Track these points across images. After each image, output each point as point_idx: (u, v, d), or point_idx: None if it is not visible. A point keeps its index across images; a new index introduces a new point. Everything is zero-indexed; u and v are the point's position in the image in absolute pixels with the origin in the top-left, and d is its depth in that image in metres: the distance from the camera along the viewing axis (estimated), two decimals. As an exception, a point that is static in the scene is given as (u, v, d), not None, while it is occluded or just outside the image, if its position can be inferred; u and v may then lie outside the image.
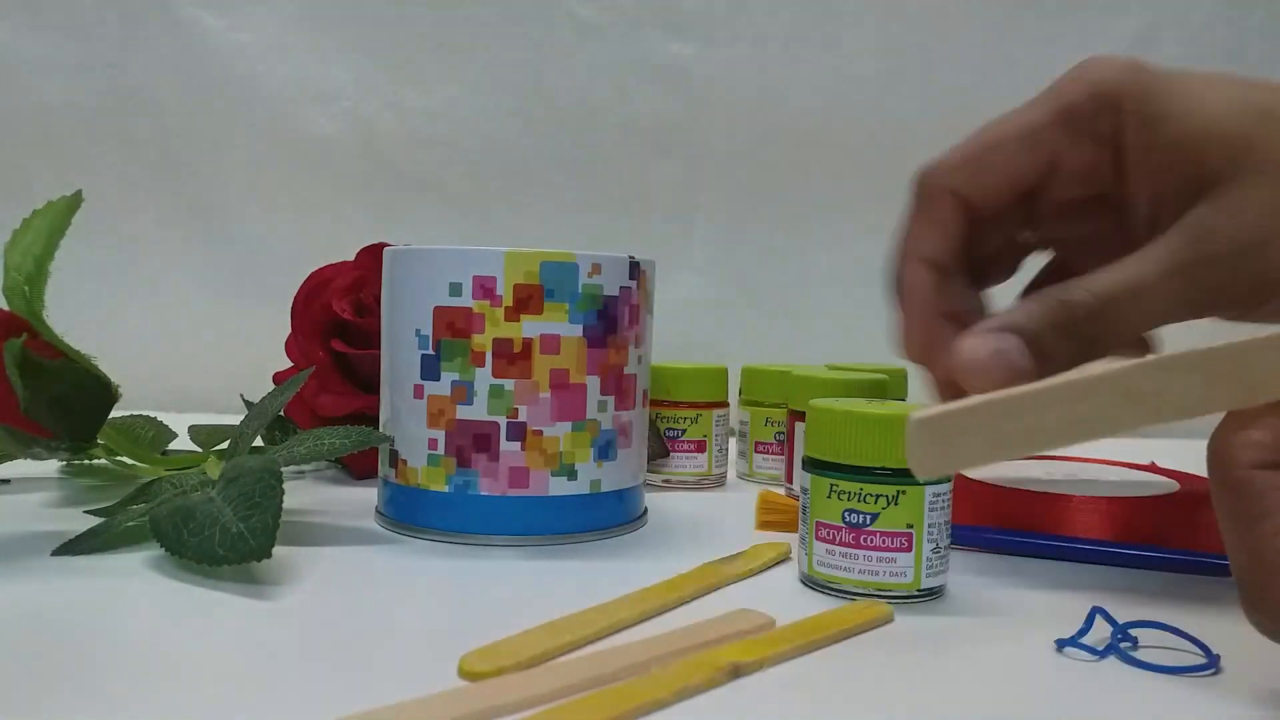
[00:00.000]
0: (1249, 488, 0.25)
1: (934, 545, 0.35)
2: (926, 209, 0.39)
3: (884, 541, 0.35)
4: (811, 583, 0.37)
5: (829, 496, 0.35)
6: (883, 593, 0.35)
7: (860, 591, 0.35)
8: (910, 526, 0.35)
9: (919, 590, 0.35)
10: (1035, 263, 0.43)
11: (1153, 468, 0.52)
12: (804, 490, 0.37)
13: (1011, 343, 0.32)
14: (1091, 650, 0.31)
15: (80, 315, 0.48)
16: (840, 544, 0.35)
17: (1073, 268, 0.38)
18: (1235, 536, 0.25)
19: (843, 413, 0.36)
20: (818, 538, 0.36)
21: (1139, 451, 0.55)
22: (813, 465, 0.36)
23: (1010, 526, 0.43)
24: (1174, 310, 0.34)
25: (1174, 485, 0.47)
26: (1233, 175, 0.33)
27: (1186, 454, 0.42)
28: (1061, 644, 0.31)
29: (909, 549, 0.35)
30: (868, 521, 0.35)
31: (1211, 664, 0.30)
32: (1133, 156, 0.36)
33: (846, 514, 0.35)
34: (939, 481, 0.35)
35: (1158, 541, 0.41)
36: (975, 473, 0.48)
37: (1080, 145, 0.36)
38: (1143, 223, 0.36)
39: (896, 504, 0.35)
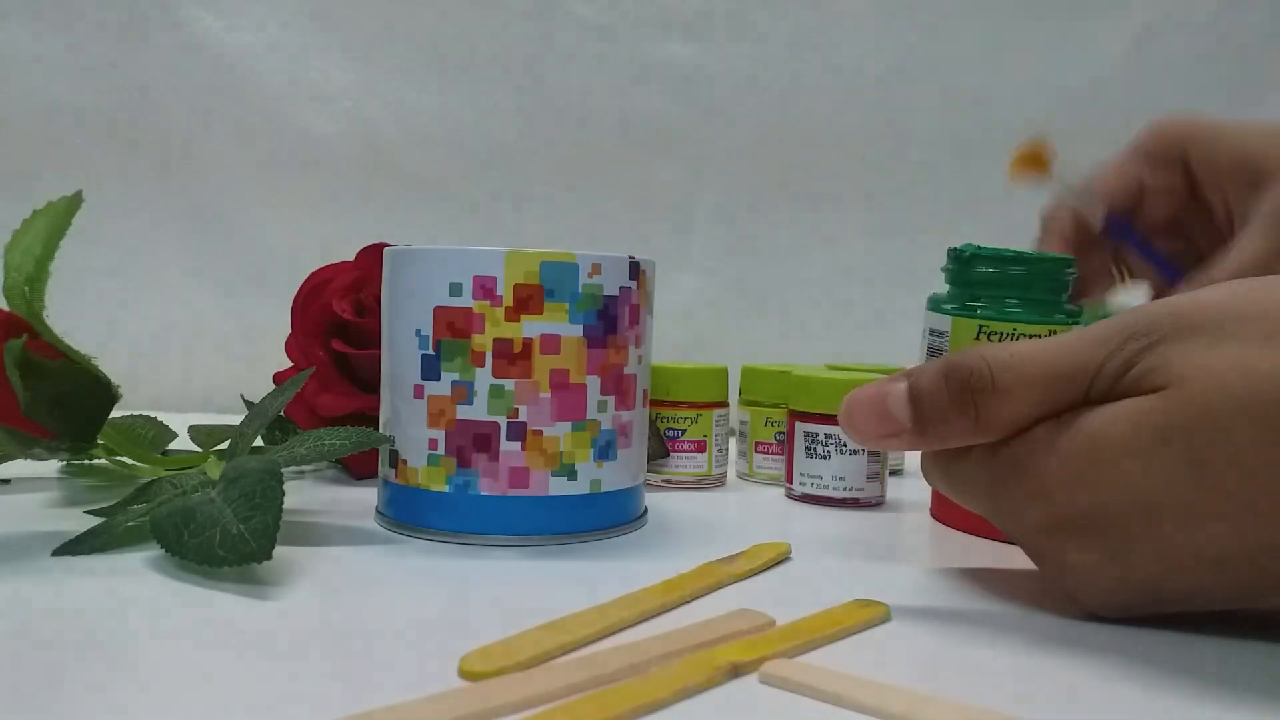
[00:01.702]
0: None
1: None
2: (1052, 227, 0.55)
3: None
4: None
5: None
6: None
7: None
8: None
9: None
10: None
11: None
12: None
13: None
14: None
15: (80, 315, 0.48)
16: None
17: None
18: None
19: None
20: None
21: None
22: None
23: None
24: None
25: None
26: None
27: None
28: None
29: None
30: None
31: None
32: (1200, 172, 0.51)
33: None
34: None
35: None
36: None
37: (1157, 171, 0.52)
38: (1223, 223, 0.50)
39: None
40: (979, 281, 0.42)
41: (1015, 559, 0.43)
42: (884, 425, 0.32)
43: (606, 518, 0.44)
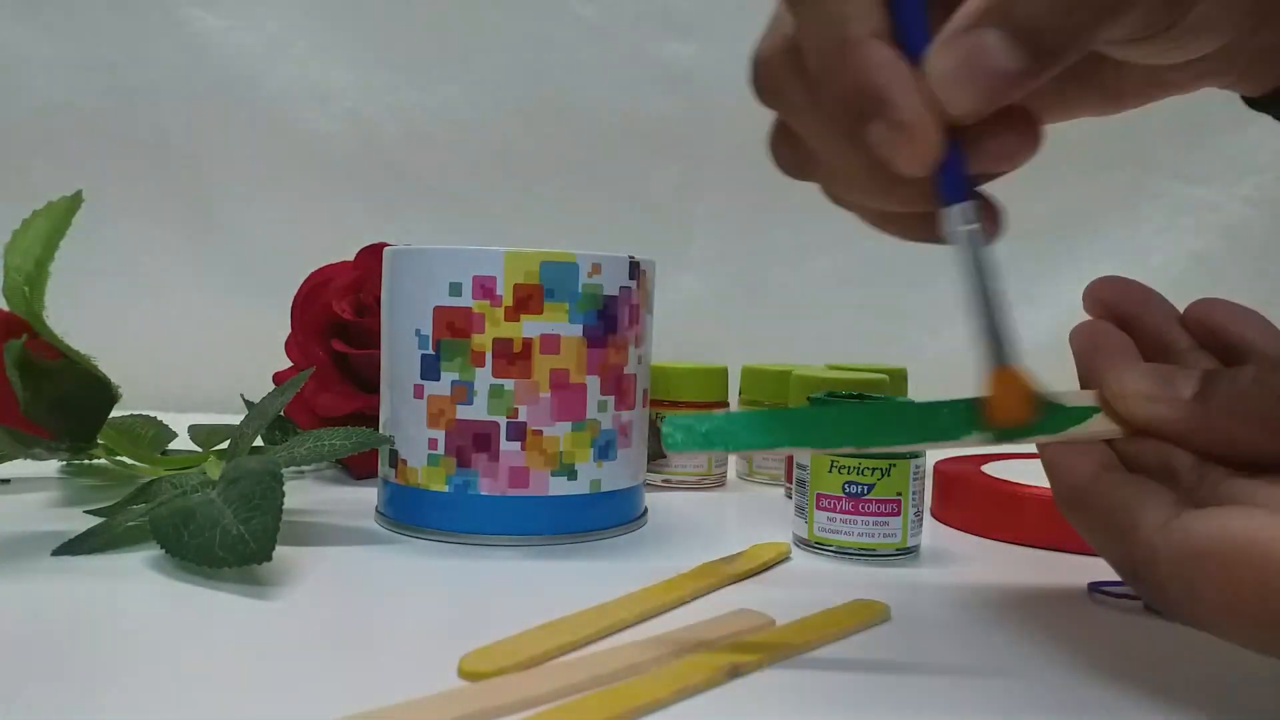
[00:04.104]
0: (1094, 496, 0.28)
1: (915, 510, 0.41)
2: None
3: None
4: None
5: (830, 471, 0.41)
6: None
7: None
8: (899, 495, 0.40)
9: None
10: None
11: None
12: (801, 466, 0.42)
13: (990, 39, 0.25)
14: (1123, 593, 0.34)
15: (80, 315, 0.48)
16: (840, 511, 0.41)
17: None
18: (1103, 537, 0.28)
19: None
20: (819, 507, 0.41)
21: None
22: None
23: (1033, 530, 0.45)
24: None
25: None
26: None
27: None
28: (1094, 587, 0.36)
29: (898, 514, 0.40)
30: (864, 491, 0.40)
31: None
32: None
33: (846, 485, 0.41)
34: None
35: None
36: (994, 472, 0.49)
37: None
38: None
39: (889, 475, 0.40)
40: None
41: (1015, 559, 0.43)
42: (1159, 388, 0.28)
43: (606, 518, 0.44)
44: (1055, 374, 0.30)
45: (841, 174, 0.31)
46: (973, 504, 0.47)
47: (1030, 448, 0.31)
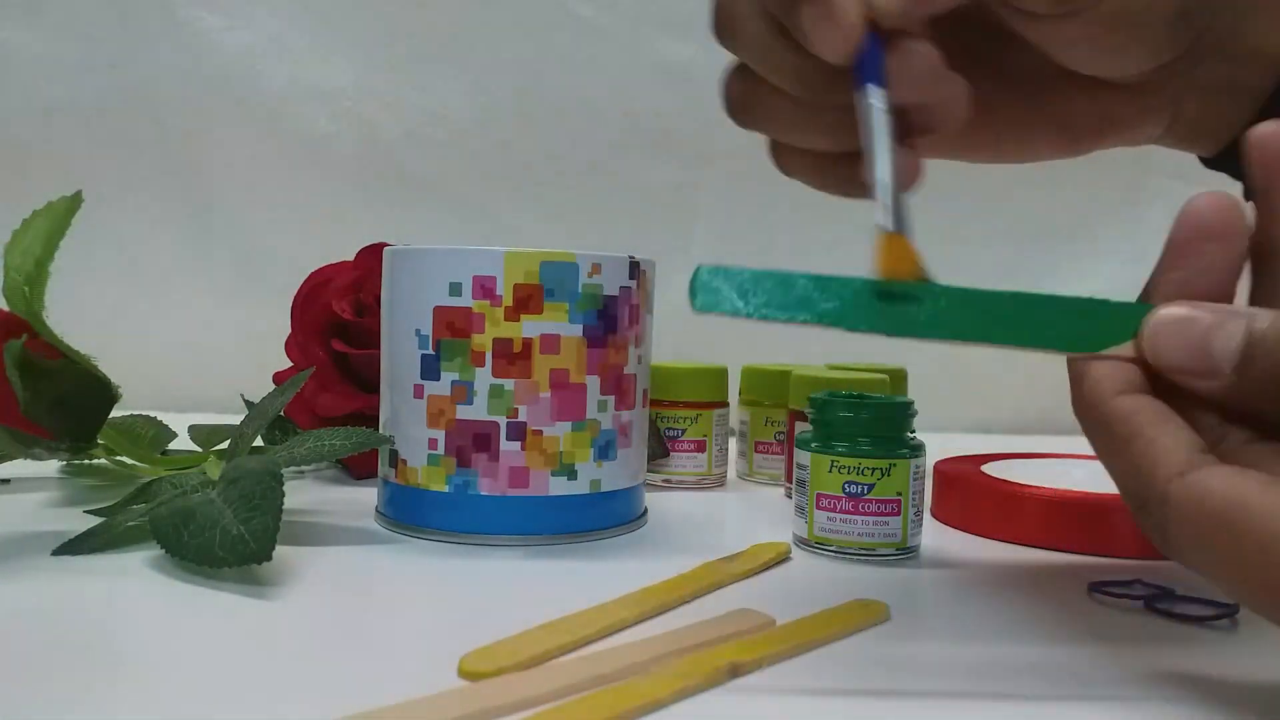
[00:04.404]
0: (1116, 415, 0.27)
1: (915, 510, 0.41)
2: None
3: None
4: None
5: (830, 471, 0.41)
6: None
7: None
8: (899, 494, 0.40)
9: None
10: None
11: None
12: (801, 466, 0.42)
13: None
14: (1123, 593, 0.34)
15: (80, 315, 0.48)
16: (840, 511, 0.41)
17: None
18: (1115, 459, 0.27)
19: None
20: (818, 507, 0.41)
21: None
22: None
23: (1033, 530, 0.45)
24: None
25: None
26: None
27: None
28: (1094, 587, 0.36)
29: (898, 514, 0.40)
30: (865, 491, 0.40)
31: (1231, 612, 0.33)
32: None
33: (847, 485, 0.41)
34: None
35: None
36: (994, 472, 0.49)
37: None
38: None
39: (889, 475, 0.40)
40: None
41: (1015, 559, 0.43)
42: (1197, 362, 0.26)
43: (606, 518, 0.44)
44: (1057, 374, 0.29)
45: (781, 110, 0.33)
46: (973, 504, 0.47)
47: (1029, 448, 0.31)
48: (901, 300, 0.28)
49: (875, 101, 0.29)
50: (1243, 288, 0.29)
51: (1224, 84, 0.35)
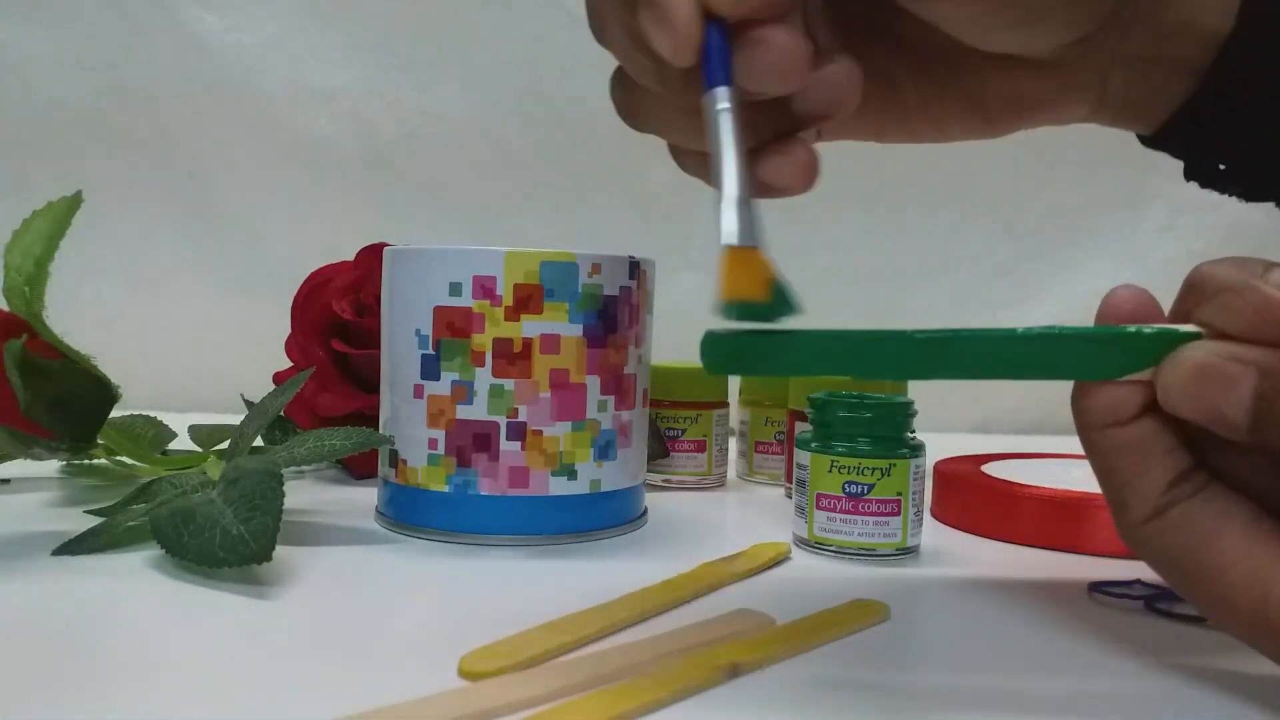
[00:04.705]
0: (1097, 449, 0.27)
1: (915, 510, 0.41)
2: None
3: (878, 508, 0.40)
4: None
5: (830, 471, 0.40)
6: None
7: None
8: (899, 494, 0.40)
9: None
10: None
11: None
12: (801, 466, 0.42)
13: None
14: (1123, 593, 0.34)
15: (80, 315, 0.48)
16: (840, 511, 0.41)
17: None
18: (1100, 486, 0.28)
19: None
20: (819, 507, 0.41)
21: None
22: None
23: (1033, 530, 0.45)
24: None
25: None
26: None
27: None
28: (1094, 587, 0.36)
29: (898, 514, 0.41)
30: (865, 491, 0.40)
31: None
32: None
33: (846, 485, 0.41)
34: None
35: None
36: (994, 472, 0.49)
37: None
38: None
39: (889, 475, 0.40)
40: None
41: (1015, 559, 0.43)
42: (1213, 421, 0.25)
43: (606, 518, 0.44)
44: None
45: (662, 112, 0.32)
46: (973, 504, 0.47)
47: (1029, 448, 0.31)
48: (925, 344, 0.27)
49: (717, 104, 0.27)
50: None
51: (1154, 58, 0.32)
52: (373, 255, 0.57)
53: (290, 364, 0.58)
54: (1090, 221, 0.92)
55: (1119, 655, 0.31)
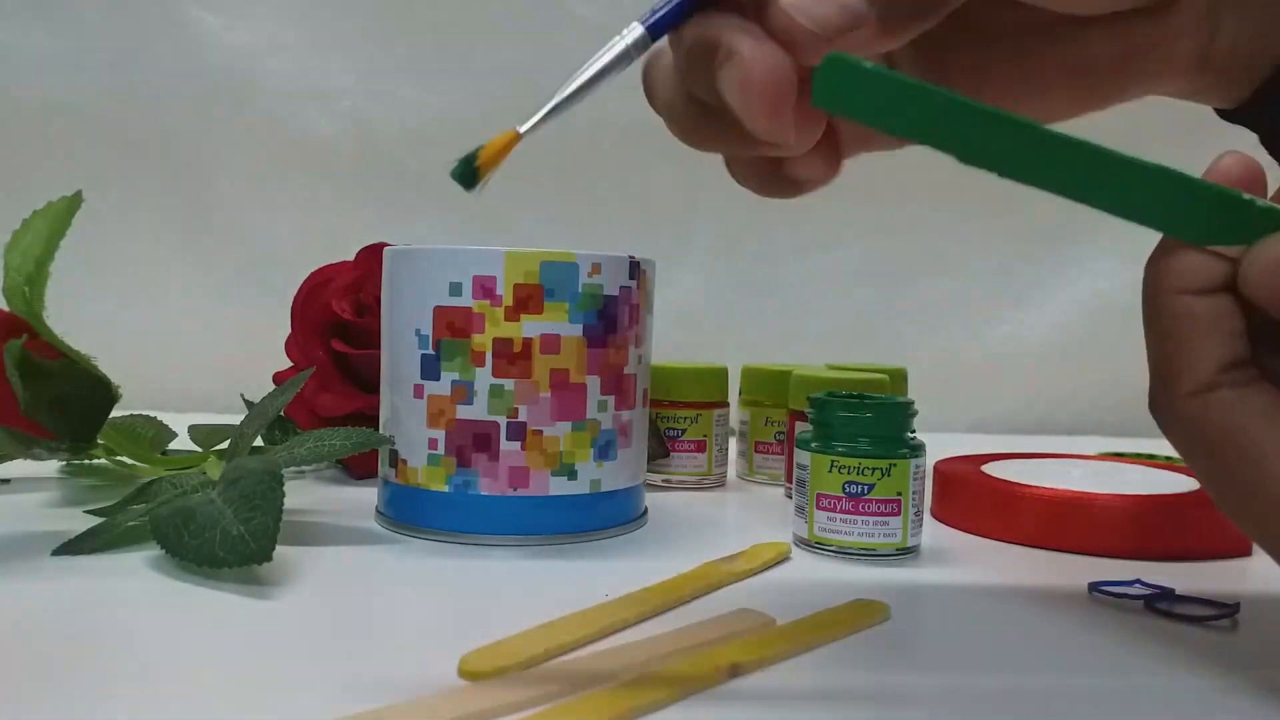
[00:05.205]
0: (1164, 311, 0.27)
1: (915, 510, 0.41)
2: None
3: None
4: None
5: (830, 471, 0.40)
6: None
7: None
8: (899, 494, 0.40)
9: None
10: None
11: (1172, 465, 0.52)
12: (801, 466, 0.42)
13: None
14: (1123, 593, 0.34)
15: (80, 315, 0.48)
16: (840, 511, 0.41)
17: None
18: (1151, 350, 0.27)
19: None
20: (819, 507, 0.41)
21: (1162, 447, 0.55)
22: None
23: (1033, 530, 0.44)
24: None
25: (1195, 484, 0.47)
26: None
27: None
28: (1094, 587, 0.36)
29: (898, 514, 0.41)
30: (865, 491, 0.40)
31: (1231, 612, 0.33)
32: None
33: (847, 485, 0.41)
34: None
35: (1180, 539, 0.42)
36: (994, 472, 0.49)
37: None
38: None
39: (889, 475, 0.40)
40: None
41: (1015, 559, 0.43)
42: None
43: (606, 518, 0.44)
44: (1057, 373, 0.30)
45: (723, 134, 0.33)
46: (973, 504, 0.47)
47: (1029, 448, 0.31)
48: (1049, 142, 0.27)
49: (629, 37, 0.30)
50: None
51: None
52: (373, 255, 0.57)
53: (290, 364, 0.58)
54: (1090, 221, 0.92)
55: (1119, 655, 0.31)
